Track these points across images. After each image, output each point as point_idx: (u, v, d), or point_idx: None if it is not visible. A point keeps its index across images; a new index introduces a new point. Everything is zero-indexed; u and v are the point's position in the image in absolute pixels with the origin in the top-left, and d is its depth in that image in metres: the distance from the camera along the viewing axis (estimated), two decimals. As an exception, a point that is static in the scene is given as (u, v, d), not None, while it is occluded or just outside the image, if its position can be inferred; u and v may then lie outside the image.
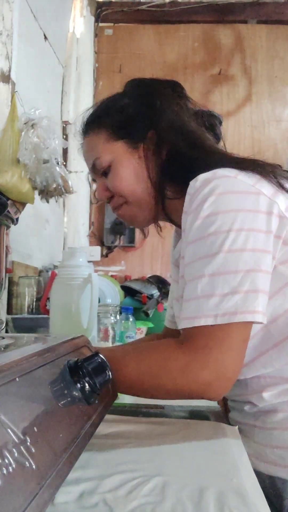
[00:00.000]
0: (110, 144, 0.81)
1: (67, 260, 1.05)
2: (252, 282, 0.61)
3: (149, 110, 0.80)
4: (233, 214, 0.63)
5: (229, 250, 0.61)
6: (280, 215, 0.64)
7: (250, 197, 0.65)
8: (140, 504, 0.45)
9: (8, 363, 0.37)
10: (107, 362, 0.50)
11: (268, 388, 0.70)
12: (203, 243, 0.63)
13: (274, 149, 3.04)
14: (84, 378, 0.46)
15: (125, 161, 0.80)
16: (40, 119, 1.59)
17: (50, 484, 0.36)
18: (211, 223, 0.63)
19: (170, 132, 0.78)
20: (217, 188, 0.65)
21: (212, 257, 0.62)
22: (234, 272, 0.61)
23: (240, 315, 0.59)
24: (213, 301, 0.60)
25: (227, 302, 0.60)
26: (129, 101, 0.83)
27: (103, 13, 3.10)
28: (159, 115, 0.79)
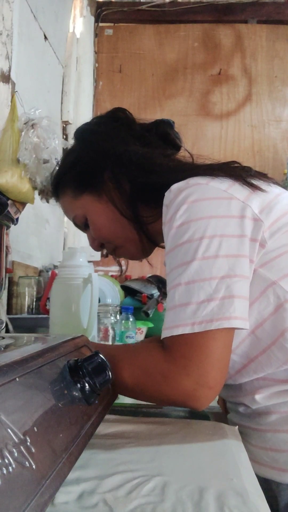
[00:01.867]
0: (78, 200, 0.84)
1: (67, 260, 1.05)
2: (228, 288, 0.60)
3: (94, 155, 0.82)
4: (205, 221, 0.63)
5: (203, 257, 0.61)
6: (254, 217, 0.64)
7: (222, 202, 0.65)
8: (140, 504, 0.45)
9: (8, 363, 0.37)
10: (107, 362, 0.50)
11: (261, 390, 0.69)
12: (178, 251, 0.64)
13: (274, 149, 3.04)
14: (84, 378, 0.46)
15: (96, 210, 0.83)
16: (40, 119, 1.59)
17: (50, 484, 0.36)
18: (185, 232, 0.64)
19: (122, 169, 0.80)
20: (189, 196, 0.65)
21: (187, 265, 0.62)
22: (209, 279, 0.61)
23: (216, 322, 0.59)
24: (190, 309, 0.61)
25: (203, 310, 0.60)
26: (76, 154, 0.86)
27: (103, 13, 3.10)
28: (105, 156, 0.81)
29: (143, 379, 0.63)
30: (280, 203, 0.68)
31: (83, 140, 0.86)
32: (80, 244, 2.76)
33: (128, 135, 0.82)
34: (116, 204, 0.81)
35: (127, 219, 0.81)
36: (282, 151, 3.02)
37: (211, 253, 0.62)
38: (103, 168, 0.81)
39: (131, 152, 0.79)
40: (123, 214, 0.81)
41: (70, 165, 0.85)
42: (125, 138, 0.81)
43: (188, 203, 0.65)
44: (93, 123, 0.88)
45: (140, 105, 3.08)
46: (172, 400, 0.63)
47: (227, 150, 3.06)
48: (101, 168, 0.81)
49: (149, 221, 0.80)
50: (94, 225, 0.84)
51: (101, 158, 0.81)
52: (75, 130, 0.89)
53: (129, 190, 0.80)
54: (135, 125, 0.84)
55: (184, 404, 0.62)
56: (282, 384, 0.68)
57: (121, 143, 0.81)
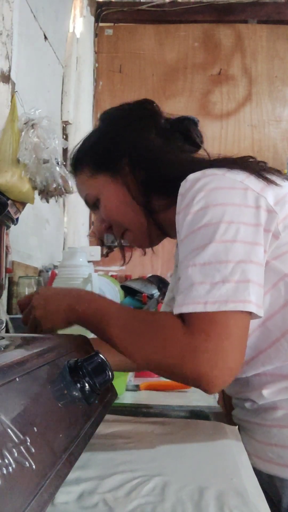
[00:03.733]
0: (93, 179, 0.86)
1: (67, 260, 1.05)
2: (243, 272, 0.60)
3: (118, 141, 0.85)
4: (222, 208, 0.64)
5: (221, 240, 0.62)
6: (269, 208, 0.65)
7: (238, 192, 0.66)
8: (140, 504, 0.45)
9: (8, 363, 0.37)
10: (107, 362, 0.50)
11: (268, 386, 0.70)
12: (195, 236, 0.64)
13: (274, 149, 3.04)
14: (84, 378, 0.46)
15: (110, 192, 0.85)
16: (40, 119, 1.59)
17: (50, 484, 0.36)
18: (202, 217, 0.64)
19: (139, 157, 0.82)
20: (206, 184, 0.67)
21: (203, 248, 0.62)
22: (225, 262, 0.61)
23: (231, 304, 0.58)
24: (203, 288, 0.60)
25: (218, 291, 0.59)
26: (100, 136, 0.88)
27: (103, 13, 3.10)
28: (127, 144, 0.83)
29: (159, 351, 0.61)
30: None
31: (108, 123, 0.89)
32: (80, 244, 2.76)
33: (150, 127, 0.84)
34: (130, 188, 0.83)
35: (139, 205, 0.83)
36: (282, 151, 3.02)
37: (229, 237, 0.62)
38: (122, 153, 0.83)
39: (149, 143, 0.82)
40: (135, 199, 0.83)
41: (91, 145, 0.88)
42: (147, 129, 0.84)
43: (205, 191, 0.66)
44: (121, 109, 0.90)
45: (140, 105, 3.07)
46: (187, 376, 0.59)
47: (227, 150, 3.03)
48: (120, 153, 0.83)
49: (160, 210, 0.82)
50: (106, 205, 0.86)
51: (121, 144, 0.84)
52: (102, 112, 0.93)
53: (144, 178, 0.82)
54: (159, 118, 0.87)
55: (199, 381, 0.59)
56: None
57: (142, 133, 0.83)
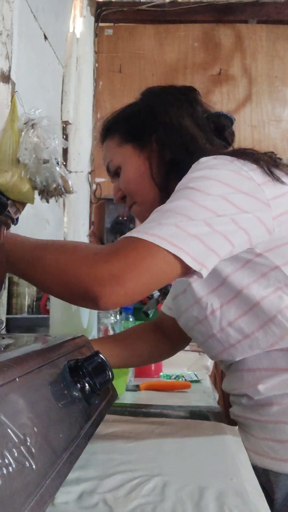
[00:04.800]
0: (121, 147, 0.89)
1: (67, 260, 1.05)
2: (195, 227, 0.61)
3: (153, 116, 0.86)
4: (218, 184, 0.66)
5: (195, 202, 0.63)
6: (263, 201, 0.66)
7: (240, 178, 0.67)
8: (140, 504, 0.45)
9: (8, 363, 0.37)
10: (107, 362, 0.50)
11: (263, 381, 0.71)
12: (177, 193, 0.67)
13: (274, 149, 3.04)
14: (84, 378, 0.46)
15: (132, 163, 0.87)
16: (40, 119, 1.59)
17: (50, 484, 0.36)
18: (195, 181, 0.66)
19: (169, 137, 0.84)
20: (213, 163, 0.69)
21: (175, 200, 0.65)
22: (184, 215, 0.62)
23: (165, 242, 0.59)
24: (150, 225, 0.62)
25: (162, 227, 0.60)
26: (138, 108, 0.90)
27: (103, 13, 3.10)
28: (161, 122, 0.85)
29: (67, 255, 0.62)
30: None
31: (148, 98, 0.91)
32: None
33: (187, 112, 0.86)
34: (151, 165, 0.85)
35: (155, 183, 0.85)
36: (282, 151, 3.02)
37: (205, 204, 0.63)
38: (154, 129, 0.85)
39: (183, 126, 0.84)
40: (154, 177, 0.84)
41: (127, 115, 0.90)
42: (184, 113, 0.85)
43: (210, 168, 0.68)
44: (163, 89, 0.92)
45: (140, 105, 3.07)
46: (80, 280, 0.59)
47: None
48: (152, 129, 0.85)
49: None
50: (125, 175, 0.88)
51: (155, 120, 0.86)
52: (147, 88, 0.95)
53: (168, 159, 0.84)
54: (199, 107, 0.89)
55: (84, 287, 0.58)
56: (284, 373, 0.70)
57: (178, 116, 0.85)
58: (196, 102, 0.89)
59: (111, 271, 0.57)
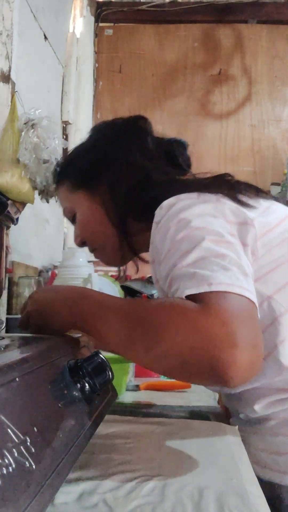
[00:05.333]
0: (73, 193, 0.85)
1: (67, 260, 1.05)
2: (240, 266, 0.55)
3: (98, 156, 0.83)
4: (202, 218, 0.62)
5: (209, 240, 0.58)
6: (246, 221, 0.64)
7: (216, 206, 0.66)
8: (140, 504, 0.45)
9: (8, 363, 0.37)
10: (107, 362, 0.50)
11: (259, 401, 0.69)
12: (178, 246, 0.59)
13: (274, 149, 3.04)
14: (84, 378, 0.46)
15: (86, 209, 0.84)
16: (40, 119, 1.59)
17: (50, 484, 0.36)
18: (183, 228, 0.61)
19: (119, 177, 0.80)
20: (182, 207, 0.65)
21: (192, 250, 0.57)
22: (221, 255, 0.56)
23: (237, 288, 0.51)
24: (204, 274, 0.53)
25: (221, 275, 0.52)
26: (84, 149, 0.87)
27: (103, 13, 3.10)
28: (107, 161, 0.81)
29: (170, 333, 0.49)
30: (269, 216, 0.69)
31: (94, 139, 0.88)
32: (80, 244, 2.76)
33: (137, 146, 0.82)
34: (106, 208, 0.81)
35: (113, 226, 0.81)
36: (282, 151, 3.02)
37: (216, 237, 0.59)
38: (102, 171, 0.82)
39: (132, 163, 0.80)
40: (111, 220, 0.81)
41: (75, 158, 0.88)
42: (133, 148, 0.82)
43: (181, 211, 0.64)
44: (109, 125, 0.88)
45: (140, 105, 3.07)
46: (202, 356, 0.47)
47: (227, 150, 3.06)
48: (102, 171, 0.82)
49: (134, 233, 0.81)
50: (80, 222, 0.85)
51: (104, 161, 0.82)
52: (93, 126, 0.92)
53: (122, 199, 0.80)
54: (147, 138, 0.84)
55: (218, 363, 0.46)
56: (279, 393, 0.68)
57: (127, 153, 0.81)
58: (144, 132, 0.85)
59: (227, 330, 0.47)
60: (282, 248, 0.67)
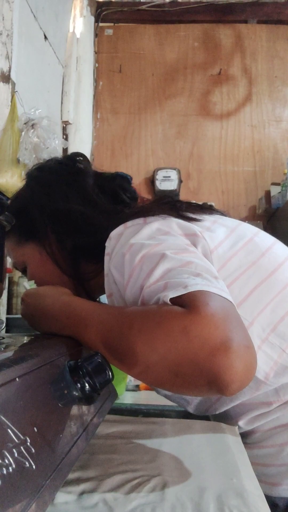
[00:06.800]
0: (20, 246, 0.81)
1: (67, 260, 1.05)
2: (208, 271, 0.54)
3: (38, 207, 0.80)
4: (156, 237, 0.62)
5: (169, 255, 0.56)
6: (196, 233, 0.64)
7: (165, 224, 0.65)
8: (140, 504, 0.45)
9: (8, 363, 0.37)
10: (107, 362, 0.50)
11: (242, 416, 0.69)
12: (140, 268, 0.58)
13: (274, 149, 3.04)
14: (84, 378, 0.46)
15: (36, 262, 0.80)
16: (40, 119, 1.59)
17: (50, 484, 0.36)
18: (138, 251, 0.59)
19: (61, 225, 0.77)
20: (131, 233, 0.64)
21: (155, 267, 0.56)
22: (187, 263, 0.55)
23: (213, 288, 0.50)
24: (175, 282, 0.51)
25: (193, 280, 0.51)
26: (22, 201, 0.82)
27: (103, 13, 3.10)
28: (51, 211, 0.78)
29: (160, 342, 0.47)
30: (217, 231, 0.68)
31: (28, 188, 0.84)
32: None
33: (74, 190, 0.79)
34: (56, 259, 0.78)
35: (66, 274, 0.78)
36: (282, 151, 3.02)
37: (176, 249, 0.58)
38: (45, 221, 0.79)
39: (71, 209, 0.77)
40: (63, 270, 0.78)
41: (15, 212, 0.79)
42: (70, 194, 0.79)
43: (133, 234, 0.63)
44: (46, 171, 0.84)
45: (140, 105, 3.08)
46: (197, 362, 0.45)
47: (227, 150, 3.06)
48: (43, 221, 0.79)
49: (90, 277, 0.78)
50: (32, 276, 0.81)
51: (43, 212, 0.79)
52: (27, 172, 0.86)
53: (70, 246, 0.78)
54: (86, 177, 0.81)
55: (212, 365, 0.44)
56: (262, 406, 0.67)
57: (63, 200, 0.78)
58: (81, 173, 0.82)
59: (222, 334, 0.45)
60: (235, 261, 0.66)
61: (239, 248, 0.67)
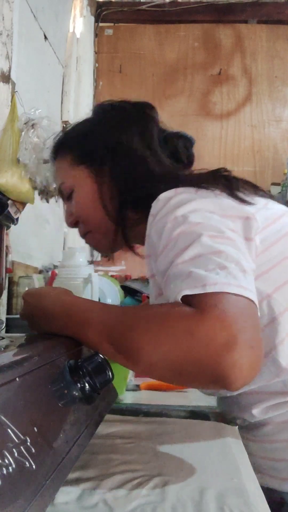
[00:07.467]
0: (73, 169, 0.82)
1: (67, 260, 1.05)
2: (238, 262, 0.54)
3: (107, 137, 0.80)
4: (200, 214, 0.61)
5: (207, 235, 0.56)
6: (248, 216, 0.63)
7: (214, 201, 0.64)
8: (140, 504, 0.45)
9: (8, 363, 0.37)
10: (107, 362, 0.50)
11: (256, 405, 0.68)
12: (176, 241, 0.59)
13: (274, 149, 3.04)
14: (84, 378, 0.46)
15: (85, 187, 0.80)
16: (40, 119, 1.59)
17: (50, 484, 0.36)
18: (181, 223, 0.59)
19: (117, 159, 0.78)
20: (180, 200, 0.64)
21: (189, 246, 0.56)
22: (218, 252, 0.54)
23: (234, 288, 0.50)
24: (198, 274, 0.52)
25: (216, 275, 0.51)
26: (91, 127, 0.84)
27: (103, 13, 3.10)
28: (115, 143, 0.79)
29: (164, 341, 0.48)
30: (266, 212, 0.68)
31: (101, 118, 0.85)
32: (80, 244, 2.76)
33: (140, 134, 0.80)
34: (104, 191, 0.79)
35: (107, 210, 0.78)
36: (282, 151, 3.02)
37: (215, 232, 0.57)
38: (105, 152, 0.79)
39: (134, 151, 0.78)
40: (105, 203, 0.78)
41: (79, 133, 0.84)
42: (136, 135, 0.79)
43: (179, 206, 0.63)
44: (117, 107, 0.85)
45: (140, 105, 3.07)
46: (201, 362, 0.47)
47: (227, 150, 3.06)
48: (105, 151, 0.79)
49: (130, 224, 0.78)
50: (77, 200, 0.81)
51: (108, 143, 0.80)
52: (97, 104, 0.89)
53: (122, 186, 0.78)
54: (153, 127, 0.82)
55: (219, 365, 0.46)
56: (277, 397, 0.67)
57: (130, 139, 0.79)
58: (150, 120, 0.83)
59: (227, 335, 0.46)
60: (280, 245, 0.66)
61: (284, 233, 0.67)
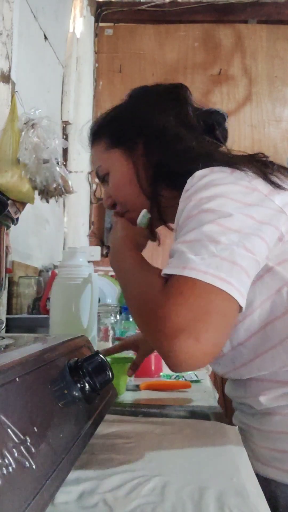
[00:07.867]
0: (108, 152, 0.86)
1: (67, 260, 1.05)
2: (232, 254, 0.56)
3: (137, 119, 0.83)
4: (226, 200, 0.62)
5: (217, 223, 0.59)
6: (275, 208, 0.63)
7: (244, 190, 0.64)
8: (140, 504, 0.45)
9: (8, 363, 0.37)
10: (107, 362, 0.50)
11: (265, 392, 0.69)
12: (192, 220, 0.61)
13: (274, 149, 3.04)
14: (84, 378, 0.46)
15: (119, 169, 0.84)
16: (40, 119, 1.59)
17: (50, 484, 0.36)
18: (203, 204, 0.62)
19: (154, 140, 0.81)
20: (213, 180, 0.65)
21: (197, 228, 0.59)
22: (216, 241, 0.57)
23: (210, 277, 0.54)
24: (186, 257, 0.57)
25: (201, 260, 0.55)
26: (123, 111, 0.88)
27: (103, 13, 3.10)
28: (149, 124, 0.82)
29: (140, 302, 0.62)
30: None
31: (134, 100, 0.88)
32: (80, 244, 2.76)
33: (173, 112, 0.82)
34: (139, 171, 0.82)
35: (142, 189, 0.82)
36: (282, 151, 3.01)
37: (226, 224, 0.59)
38: (139, 133, 0.82)
39: (167, 128, 0.80)
40: (140, 183, 0.82)
41: (113, 119, 0.88)
42: (171, 115, 0.82)
43: (211, 185, 0.64)
44: (147, 89, 0.89)
45: (140, 105, 3.07)
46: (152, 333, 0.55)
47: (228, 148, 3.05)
48: (138, 132, 0.82)
49: (165, 202, 0.81)
50: (113, 182, 0.85)
51: (142, 125, 0.83)
52: (132, 89, 0.92)
53: (155, 163, 0.81)
54: (187, 106, 0.85)
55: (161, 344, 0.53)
56: (286, 386, 0.68)
57: (165, 119, 0.81)
58: (183, 100, 0.86)
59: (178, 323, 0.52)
60: None
61: None
